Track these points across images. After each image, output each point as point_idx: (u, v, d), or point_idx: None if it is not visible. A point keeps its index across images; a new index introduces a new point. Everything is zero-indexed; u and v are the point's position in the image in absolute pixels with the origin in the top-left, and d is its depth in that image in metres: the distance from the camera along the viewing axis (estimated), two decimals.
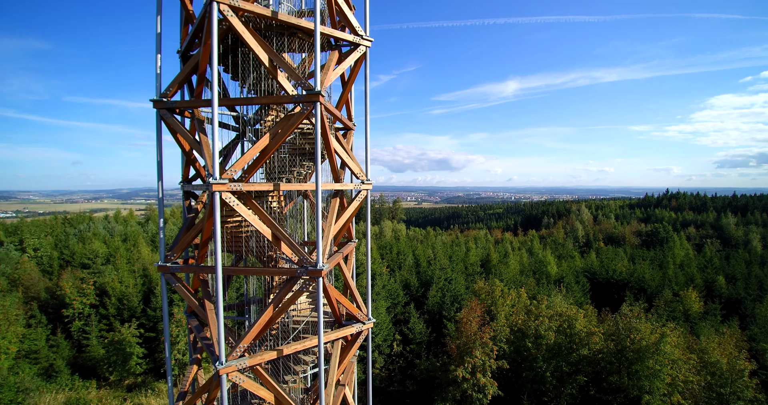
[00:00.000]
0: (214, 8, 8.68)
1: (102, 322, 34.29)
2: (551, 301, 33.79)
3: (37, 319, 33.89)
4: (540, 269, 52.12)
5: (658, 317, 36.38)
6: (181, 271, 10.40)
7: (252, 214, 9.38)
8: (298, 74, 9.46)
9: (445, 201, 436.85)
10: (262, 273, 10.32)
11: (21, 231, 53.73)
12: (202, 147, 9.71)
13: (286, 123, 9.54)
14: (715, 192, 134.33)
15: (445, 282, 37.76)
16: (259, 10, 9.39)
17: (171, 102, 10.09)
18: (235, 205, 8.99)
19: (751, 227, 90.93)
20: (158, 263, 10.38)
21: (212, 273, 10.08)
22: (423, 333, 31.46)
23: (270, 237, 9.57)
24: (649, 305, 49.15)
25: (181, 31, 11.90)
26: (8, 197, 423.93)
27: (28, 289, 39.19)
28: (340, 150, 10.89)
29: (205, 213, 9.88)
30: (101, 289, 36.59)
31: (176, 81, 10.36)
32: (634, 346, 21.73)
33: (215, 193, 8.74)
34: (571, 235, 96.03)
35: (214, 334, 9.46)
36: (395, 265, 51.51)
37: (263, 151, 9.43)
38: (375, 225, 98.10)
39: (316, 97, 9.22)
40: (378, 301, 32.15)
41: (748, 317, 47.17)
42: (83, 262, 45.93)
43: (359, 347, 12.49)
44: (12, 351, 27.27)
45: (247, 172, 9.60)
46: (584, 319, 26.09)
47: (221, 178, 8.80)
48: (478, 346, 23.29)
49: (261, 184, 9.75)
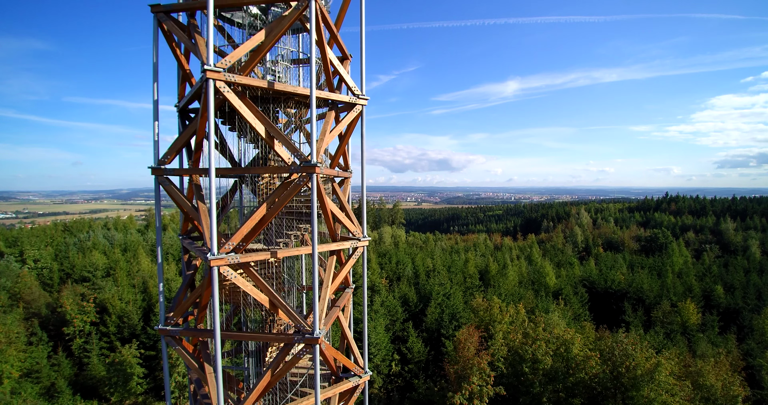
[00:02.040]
0: (210, 85, 8.81)
1: (103, 340, 34.51)
2: (548, 318, 34.01)
3: (38, 336, 34.09)
4: (539, 280, 52.36)
5: (655, 334, 36.64)
6: (181, 335, 10.56)
7: (250, 283, 9.52)
8: (294, 146, 9.59)
9: (445, 201, 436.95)
10: (261, 339, 10.47)
11: (21, 242, 53.91)
12: (200, 215, 9.84)
13: (282, 192, 9.67)
14: (715, 194, 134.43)
15: (443, 298, 37.94)
16: (255, 82, 9.52)
17: (170, 171, 10.21)
18: (233, 277, 9.14)
19: (750, 232, 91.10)
20: (158, 326, 10.54)
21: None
22: (421, 352, 31.68)
23: (267, 305, 9.72)
24: (647, 316, 49.49)
25: (178, 88, 12.02)
26: (8, 198, 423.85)
27: (29, 304, 39.40)
28: (336, 211, 11.03)
29: (203, 280, 10.00)
30: (101, 306, 36.80)
31: (174, 148, 10.50)
32: (629, 373, 21.92)
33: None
34: (571, 241, 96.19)
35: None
36: (394, 276, 51.72)
37: (261, 221, 9.56)
38: (374, 230, 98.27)
39: (312, 169, 9.35)
40: (377, 320, 32.32)
41: (745, 328, 47.46)
42: (83, 275, 46.17)
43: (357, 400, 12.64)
44: (15, 376, 27.49)
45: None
46: (581, 342, 26.25)
47: (219, 253, 8.94)
48: (476, 372, 23.47)
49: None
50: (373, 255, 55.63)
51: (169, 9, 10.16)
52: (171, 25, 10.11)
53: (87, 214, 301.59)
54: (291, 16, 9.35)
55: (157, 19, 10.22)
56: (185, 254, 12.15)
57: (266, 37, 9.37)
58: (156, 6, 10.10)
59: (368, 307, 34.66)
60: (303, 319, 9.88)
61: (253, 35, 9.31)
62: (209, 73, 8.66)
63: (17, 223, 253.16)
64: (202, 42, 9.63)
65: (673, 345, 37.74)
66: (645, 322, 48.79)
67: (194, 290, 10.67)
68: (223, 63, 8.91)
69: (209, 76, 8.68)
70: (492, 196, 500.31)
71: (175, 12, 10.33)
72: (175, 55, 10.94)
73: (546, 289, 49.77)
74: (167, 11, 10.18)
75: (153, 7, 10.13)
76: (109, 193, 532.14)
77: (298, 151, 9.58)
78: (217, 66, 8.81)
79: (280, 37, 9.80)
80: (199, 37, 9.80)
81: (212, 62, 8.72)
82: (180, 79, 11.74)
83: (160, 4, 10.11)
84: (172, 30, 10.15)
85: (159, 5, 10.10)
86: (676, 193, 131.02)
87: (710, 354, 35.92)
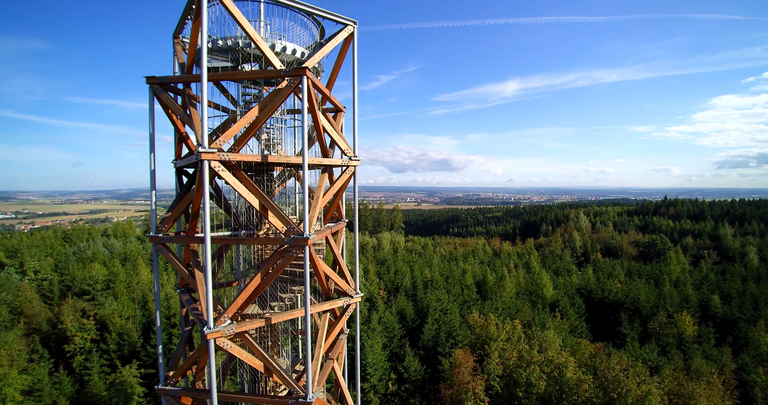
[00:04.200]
0: (205, 165, 9.06)
1: (103, 357, 34.85)
2: (544, 336, 34.35)
3: (40, 353, 34.45)
4: (536, 291, 52.67)
5: (650, 351, 36.99)
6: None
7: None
8: (288, 219, 9.85)
9: (445, 202, 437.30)
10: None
11: (21, 253, 54.23)
12: (196, 282, 10.12)
13: (276, 261, 9.94)
14: (714, 194, 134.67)
15: (441, 313, 38.29)
16: (249, 157, 9.78)
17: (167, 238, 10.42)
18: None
19: (748, 238, 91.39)
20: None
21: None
22: (418, 370, 32.03)
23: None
24: (643, 328, 49.84)
25: (175, 147, 12.25)
26: (7, 198, 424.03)
27: (30, 319, 39.74)
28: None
29: (200, 348, 10.28)
30: (102, 322, 37.12)
31: (171, 218, 10.72)
32: (620, 400, 22.27)
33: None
34: (569, 246, 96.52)
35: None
36: (392, 286, 52.06)
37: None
38: (373, 235, 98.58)
39: (304, 242, 9.60)
40: (374, 338, 32.67)
41: (741, 339, 47.84)
42: (83, 289, 46.54)
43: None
44: (17, 398, 27.84)
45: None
46: (574, 365, 26.58)
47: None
48: (470, 397, 23.82)
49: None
50: (371, 266, 55.93)
51: (164, 81, 10.38)
52: (166, 98, 10.37)
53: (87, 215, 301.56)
54: (284, 92, 9.59)
55: (152, 89, 10.46)
56: (183, 308, 12.42)
57: (260, 112, 9.61)
58: (151, 78, 10.33)
59: (365, 324, 34.99)
60: (295, 383, 10.17)
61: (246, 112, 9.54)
62: (204, 155, 8.91)
63: (17, 224, 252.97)
64: (196, 116, 9.88)
65: (668, 360, 38.15)
66: (641, 334, 49.21)
67: (192, 353, 10.95)
68: (217, 143, 9.16)
69: (204, 158, 8.93)
70: (492, 197, 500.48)
71: (170, 84, 10.57)
72: (172, 120, 11.17)
73: (543, 300, 50.12)
74: (162, 83, 10.41)
75: (148, 79, 10.36)
76: (108, 193, 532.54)
77: (291, 224, 9.83)
78: (211, 146, 9.06)
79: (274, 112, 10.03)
80: (194, 110, 10.04)
81: (206, 144, 8.96)
82: (177, 139, 11.98)
83: (155, 77, 10.34)
84: (167, 102, 10.40)
85: (154, 78, 10.33)
86: (676, 195, 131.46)
87: (704, 370, 36.35)
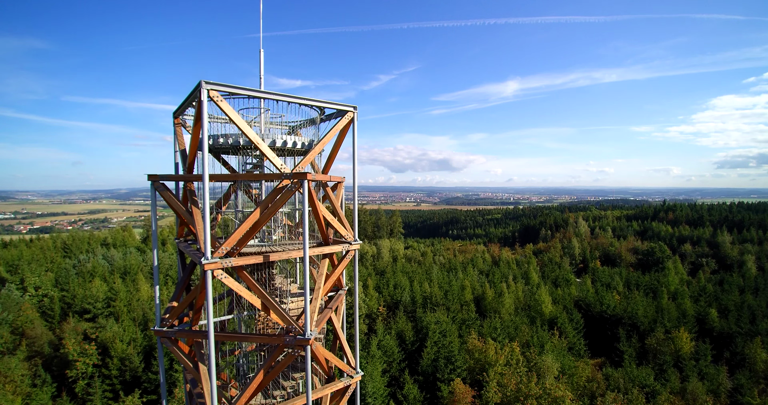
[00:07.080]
0: (208, 275, 9.20)
1: (105, 382, 35.12)
2: (542, 362, 34.70)
3: (42, 378, 34.74)
4: (535, 307, 52.99)
5: (646, 375, 37.34)
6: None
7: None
8: (288, 318, 10.00)
9: (444, 202, 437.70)
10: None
11: (22, 269, 54.42)
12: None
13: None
14: (714, 194, 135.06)
15: (440, 335, 38.58)
16: (251, 260, 9.88)
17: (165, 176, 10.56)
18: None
19: (746, 246, 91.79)
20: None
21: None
22: (417, 398, 32.34)
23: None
24: (641, 343, 50.25)
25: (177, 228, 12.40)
26: (7, 197, 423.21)
27: (32, 341, 39.98)
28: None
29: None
30: (103, 346, 37.36)
31: (174, 313, 10.86)
32: None
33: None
34: (568, 253, 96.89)
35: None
36: (392, 302, 52.38)
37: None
38: (371, 242, 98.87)
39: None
40: (373, 364, 32.95)
41: (738, 355, 48.28)
42: (84, 307, 46.80)
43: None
44: None
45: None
46: (571, 399, 26.93)
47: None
48: None
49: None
50: (371, 280, 56.20)
51: (166, 179, 10.51)
52: (168, 196, 10.52)
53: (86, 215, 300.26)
54: (286, 195, 9.71)
55: (154, 186, 10.59)
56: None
57: (261, 214, 9.72)
58: (153, 176, 10.45)
59: (365, 350, 35.25)
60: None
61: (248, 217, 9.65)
62: (207, 266, 9.03)
63: (15, 224, 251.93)
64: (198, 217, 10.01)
65: (664, 383, 38.52)
66: (639, 350, 49.63)
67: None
68: (219, 252, 9.28)
69: (207, 268, 9.05)
70: (491, 197, 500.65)
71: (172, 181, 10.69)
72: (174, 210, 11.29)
73: (542, 317, 50.45)
74: (164, 181, 10.54)
75: (150, 177, 10.47)
76: (107, 193, 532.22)
77: (292, 323, 9.99)
78: (213, 256, 9.19)
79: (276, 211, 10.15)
80: (196, 209, 10.16)
81: (209, 255, 9.09)
82: (178, 222, 12.12)
83: (157, 175, 10.48)
84: (169, 200, 10.53)
85: (156, 176, 10.47)
86: (675, 195, 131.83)
87: (700, 392, 36.78)
